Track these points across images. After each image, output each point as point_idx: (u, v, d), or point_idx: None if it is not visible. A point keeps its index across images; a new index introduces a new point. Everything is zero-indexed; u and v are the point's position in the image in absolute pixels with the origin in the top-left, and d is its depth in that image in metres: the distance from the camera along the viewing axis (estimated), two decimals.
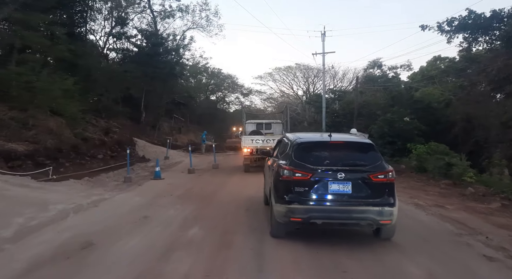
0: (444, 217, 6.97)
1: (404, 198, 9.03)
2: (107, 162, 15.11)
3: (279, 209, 5.23)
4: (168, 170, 15.41)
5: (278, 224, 5.41)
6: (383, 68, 36.54)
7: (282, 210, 5.17)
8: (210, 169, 15.68)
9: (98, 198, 8.28)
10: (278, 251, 4.99)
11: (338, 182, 5.00)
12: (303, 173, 5.07)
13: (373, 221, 5.00)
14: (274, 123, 18.27)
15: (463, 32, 18.68)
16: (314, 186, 5.04)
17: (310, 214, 5.02)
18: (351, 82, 49.79)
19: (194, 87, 54.86)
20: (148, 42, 23.69)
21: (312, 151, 5.50)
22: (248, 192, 9.83)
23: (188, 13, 30.50)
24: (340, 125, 31.83)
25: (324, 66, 31.47)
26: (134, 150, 19.30)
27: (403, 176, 13.27)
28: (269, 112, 55.89)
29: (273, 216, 5.53)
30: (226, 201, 8.63)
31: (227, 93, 60.76)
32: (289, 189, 5.12)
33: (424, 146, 15.65)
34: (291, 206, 5.07)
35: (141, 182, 11.42)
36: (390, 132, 18.59)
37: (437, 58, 37.21)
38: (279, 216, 5.26)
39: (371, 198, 4.99)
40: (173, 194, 9.34)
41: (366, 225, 5.15)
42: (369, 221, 5.01)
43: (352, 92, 38.25)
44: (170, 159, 19.39)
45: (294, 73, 52.09)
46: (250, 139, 14.30)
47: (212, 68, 56.49)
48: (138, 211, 7.30)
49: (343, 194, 5.02)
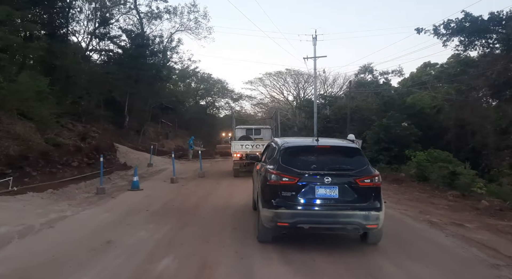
0: (468, 240, 5.81)
1: (413, 213, 7.88)
2: (82, 170, 13.65)
3: (266, 213, 5.12)
4: (149, 178, 14.04)
5: (265, 229, 5.31)
6: (374, 73, 35.76)
7: (269, 215, 5.07)
8: (195, 177, 14.34)
9: (56, 216, 6.90)
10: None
11: (324, 187, 4.96)
12: (290, 178, 5.01)
13: (359, 226, 4.95)
14: (264, 129, 18.18)
15: (460, 35, 17.88)
16: (301, 191, 4.98)
17: (297, 219, 4.95)
18: (342, 88, 49.13)
19: (183, 91, 53.56)
20: (132, 43, 22.32)
21: (299, 155, 5.44)
22: (236, 204, 8.59)
23: (176, 15, 29.29)
24: (332, 130, 30.84)
25: (316, 70, 30.41)
26: (114, 156, 17.87)
27: (404, 186, 12.18)
28: (259, 117, 54.94)
29: (260, 221, 5.41)
30: (210, 217, 7.36)
31: (217, 98, 59.57)
32: (276, 194, 5.05)
33: (423, 153, 14.64)
34: (278, 211, 4.98)
35: (115, 194, 10.04)
36: (386, 138, 17.58)
37: (427, 64, 36.71)
38: (266, 221, 5.15)
39: (358, 203, 4.94)
40: (149, 209, 8.01)
41: (353, 230, 5.12)
42: (355, 226, 4.97)
43: (343, 98, 37.45)
44: (154, 166, 18.00)
45: (285, 78, 51.39)
46: (239, 144, 14.30)
47: (202, 73, 55.31)
48: (102, 234, 5.98)
49: (329, 199, 4.97)
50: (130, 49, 22.41)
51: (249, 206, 8.11)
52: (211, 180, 13.67)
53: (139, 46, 22.03)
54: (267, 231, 5.34)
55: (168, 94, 33.72)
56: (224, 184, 12.57)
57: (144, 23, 28.63)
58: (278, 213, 4.98)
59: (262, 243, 5.45)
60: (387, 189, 11.48)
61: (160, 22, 29.43)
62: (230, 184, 12.63)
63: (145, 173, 15.73)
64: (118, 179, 13.29)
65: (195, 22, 30.46)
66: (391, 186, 12.26)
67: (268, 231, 5.33)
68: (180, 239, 5.81)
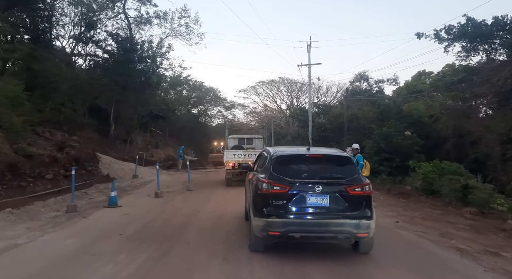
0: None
1: (433, 235, 6.71)
2: (57, 183, 12.31)
3: (258, 223, 5.06)
4: (132, 192, 12.72)
5: (257, 238, 5.23)
6: (369, 81, 34.96)
7: (261, 224, 5.01)
8: (183, 191, 13.05)
9: (3, 246, 5.59)
10: None
11: (316, 195, 4.91)
12: (281, 186, 4.96)
13: (350, 234, 4.91)
14: (256, 138, 18.08)
15: (462, 41, 17.06)
16: (292, 199, 4.93)
17: (288, 228, 4.89)
18: (335, 96, 48.47)
19: (174, 99, 52.33)
20: (120, 48, 21.10)
21: (291, 164, 5.39)
22: (227, 225, 7.36)
23: (167, 20, 28.24)
24: (327, 139, 29.82)
25: (310, 78, 29.53)
26: (96, 167, 16.51)
27: (412, 201, 11.04)
28: (252, 126, 54.00)
29: (251, 230, 5.35)
30: (196, 242, 6.11)
31: (209, 106, 58.40)
32: (268, 203, 4.98)
33: (429, 164, 13.59)
34: (269, 220, 4.93)
35: (88, 213, 8.72)
36: (387, 148, 16.52)
37: (422, 73, 36.12)
38: (258, 230, 5.09)
39: (349, 211, 4.91)
40: (124, 233, 6.72)
41: (344, 239, 5.07)
42: (346, 234, 4.93)
43: (338, 106, 36.57)
44: (140, 178, 16.65)
45: (278, 86, 50.59)
46: (232, 154, 14.23)
47: (194, 81, 54.20)
48: (55, 271, 4.70)
49: (321, 207, 4.93)
50: (117, 54, 21.15)
51: (243, 229, 6.89)
52: (200, 193, 12.39)
53: (126, 50, 20.80)
54: (258, 240, 5.26)
55: (158, 102, 32.37)
56: (214, 198, 11.31)
57: (133, 29, 27.55)
58: (269, 222, 4.92)
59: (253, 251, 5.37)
60: (395, 205, 10.36)
61: (150, 27, 28.37)
62: (221, 198, 11.38)
63: (129, 186, 14.41)
64: (97, 193, 11.95)
65: (186, 28, 29.46)
66: (398, 201, 11.13)
67: (259, 240, 5.25)
68: (156, 276, 4.58)
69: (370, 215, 4.95)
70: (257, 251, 5.34)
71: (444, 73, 33.00)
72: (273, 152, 5.69)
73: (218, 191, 13.03)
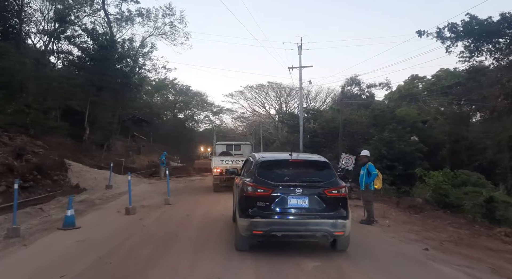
0: None
1: (485, 273, 4.99)
2: (10, 196, 10.24)
3: (243, 223, 5.33)
4: (100, 207, 10.73)
5: (242, 238, 5.50)
6: (361, 85, 33.66)
7: (245, 224, 5.28)
8: (161, 205, 11.12)
9: None
10: None
11: (296, 197, 5.23)
12: (265, 189, 5.26)
13: (327, 233, 5.24)
14: (244, 145, 18.07)
15: (467, 39, 15.73)
16: (274, 201, 5.23)
17: (271, 227, 5.18)
18: (325, 101, 47.31)
19: (160, 104, 50.23)
20: (95, 45, 19.04)
21: (274, 168, 5.66)
22: (213, 257, 5.50)
23: (150, 18, 26.33)
24: (319, 145, 28.23)
25: (301, 81, 27.95)
26: (64, 176, 14.44)
27: (428, 217, 9.39)
28: (240, 131, 52.36)
29: (237, 230, 5.58)
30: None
31: (196, 111, 56.48)
32: (252, 204, 5.27)
33: (439, 172, 12.05)
34: (253, 220, 5.21)
35: (34, 238, 6.74)
36: (388, 155, 14.97)
37: (415, 77, 35.09)
38: (243, 230, 5.36)
39: (326, 212, 5.25)
40: (67, 274, 4.82)
41: (322, 237, 5.40)
42: (324, 233, 5.26)
43: (329, 111, 35.10)
44: (114, 188, 14.60)
45: (267, 91, 49.19)
46: (219, 160, 14.17)
47: (180, 85, 52.30)
48: None
49: (300, 208, 5.26)
50: (93, 51, 19.09)
51: (233, 268, 5.08)
52: (181, 208, 10.48)
53: (103, 48, 18.75)
54: (244, 240, 5.52)
55: (141, 106, 30.31)
56: (198, 216, 9.42)
57: (114, 27, 25.59)
58: (253, 222, 5.19)
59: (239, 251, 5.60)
60: (410, 222, 8.70)
61: (132, 26, 26.38)
62: (206, 214, 9.52)
63: (99, 198, 12.41)
64: (57, 209, 9.91)
65: (170, 27, 27.61)
66: (412, 216, 9.48)
67: (245, 240, 5.51)
68: None
69: (345, 215, 5.30)
70: (243, 251, 5.58)
71: (438, 77, 32.00)
72: (258, 157, 6.01)
73: (203, 205, 11.17)
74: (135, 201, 11.80)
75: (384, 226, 8.18)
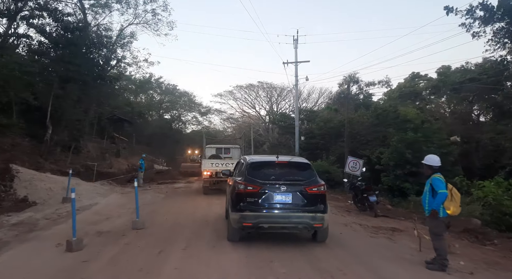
0: None
1: None
2: None
3: (234, 216, 5.93)
4: (38, 235, 7.35)
5: (233, 230, 6.11)
6: (360, 84, 30.91)
7: (236, 217, 5.88)
8: (127, 230, 7.77)
9: None
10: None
11: (281, 193, 5.87)
12: (254, 187, 5.90)
13: (308, 225, 5.89)
14: (233, 148, 18.15)
15: (506, 19, 12.99)
16: (262, 197, 5.86)
17: (259, 220, 5.79)
18: (317, 102, 44.50)
19: (145, 103, 46.62)
20: (59, 27, 15.50)
21: (262, 169, 6.35)
22: None
23: (129, 5, 22.91)
24: (316, 147, 25.28)
25: (297, 77, 25.02)
26: (9, 187, 11.05)
27: (506, 249, 6.39)
28: (229, 133, 49.19)
29: (229, 223, 6.22)
30: None
31: (183, 111, 52.95)
32: (243, 200, 5.89)
33: (489, 182, 9.14)
34: (243, 213, 5.83)
35: None
36: (414, 159, 12.02)
37: (415, 75, 32.50)
38: (234, 223, 5.96)
39: (307, 206, 5.88)
40: None
41: (303, 228, 6.03)
42: (305, 225, 5.90)
43: (325, 110, 32.22)
44: (76, 201, 11.19)
45: (257, 91, 46.09)
46: (210, 163, 14.13)
47: (166, 84, 48.78)
48: None
49: (285, 203, 5.88)
50: (57, 35, 15.57)
51: None
52: (153, 238, 7.11)
53: (66, 29, 15.20)
54: (235, 232, 6.13)
55: (122, 104, 26.75)
56: (176, 253, 6.14)
57: (89, 15, 22.10)
58: (244, 215, 5.82)
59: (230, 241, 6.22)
60: (492, 262, 5.67)
61: (110, 13, 22.91)
62: (188, 253, 6.20)
63: (47, 217, 9.08)
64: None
65: (152, 15, 24.21)
66: (483, 248, 6.46)
67: (236, 232, 6.12)
68: None
69: (324, 210, 5.94)
70: (234, 241, 6.16)
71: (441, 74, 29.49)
72: (249, 159, 6.65)
73: (185, 230, 7.81)
74: (93, 222, 8.58)
75: (464, 272, 5.15)
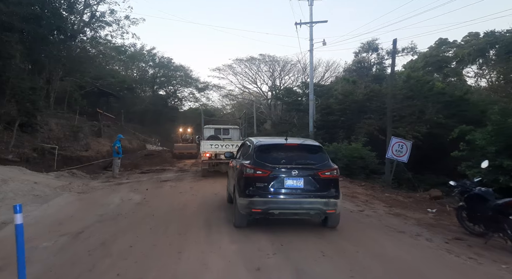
0: None
1: None
2: None
3: (242, 202, 5.42)
4: None
5: (241, 215, 5.59)
6: (379, 52, 25.76)
7: (245, 203, 5.37)
8: None
9: None
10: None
11: (292, 178, 5.34)
12: (263, 171, 5.35)
13: (320, 211, 5.38)
14: (232, 129, 16.78)
15: None
16: (272, 182, 5.33)
17: (268, 205, 5.30)
18: (323, 77, 39.19)
19: (138, 78, 41.28)
20: None
21: (271, 152, 5.76)
22: None
23: None
24: (334, 126, 20.39)
25: (312, 40, 19.83)
26: None
27: None
28: (228, 111, 44.11)
29: (236, 208, 5.66)
30: None
31: (180, 87, 47.45)
32: (251, 185, 5.37)
33: None
34: (252, 199, 5.31)
35: None
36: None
37: (443, 42, 27.31)
38: (242, 208, 5.45)
39: (319, 191, 5.36)
40: None
41: (315, 215, 5.55)
42: (317, 211, 5.39)
43: (341, 82, 27.12)
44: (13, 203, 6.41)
45: (258, 65, 40.22)
46: (209, 144, 12.79)
47: (160, 57, 43.04)
48: None
49: (296, 188, 5.37)
50: None
51: None
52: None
53: None
54: (242, 217, 5.60)
55: (102, 74, 21.50)
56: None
57: None
58: (252, 201, 5.29)
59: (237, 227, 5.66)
60: None
61: None
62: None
63: None
64: None
65: None
66: None
67: (243, 217, 5.59)
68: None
69: (337, 195, 5.39)
70: (241, 227, 5.63)
71: (466, 42, 24.39)
72: (256, 141, 6.00)
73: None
74: None
75: None
